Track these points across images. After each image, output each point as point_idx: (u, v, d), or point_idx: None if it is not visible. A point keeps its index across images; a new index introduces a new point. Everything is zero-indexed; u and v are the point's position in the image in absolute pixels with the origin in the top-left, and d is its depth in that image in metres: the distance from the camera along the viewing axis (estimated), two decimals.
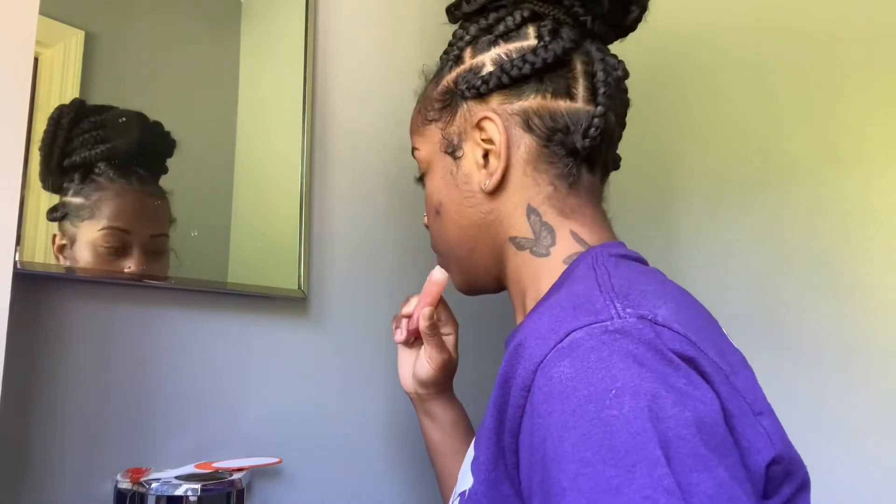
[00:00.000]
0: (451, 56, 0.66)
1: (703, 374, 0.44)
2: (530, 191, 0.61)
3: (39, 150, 0.66)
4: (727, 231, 1.14)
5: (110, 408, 0.73)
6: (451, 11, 0.70)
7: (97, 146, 0.69)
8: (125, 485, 0.69)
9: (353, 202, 1.02)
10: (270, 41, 0.94)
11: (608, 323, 0.44)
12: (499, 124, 0.60)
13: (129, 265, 0.72)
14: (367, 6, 1.09)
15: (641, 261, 0.61)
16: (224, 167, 0.85)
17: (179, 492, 0.69)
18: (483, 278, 0.68)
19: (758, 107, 1.13)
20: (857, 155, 1.03)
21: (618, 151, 0.68)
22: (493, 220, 0.63)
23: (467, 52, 0.65)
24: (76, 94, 0.72)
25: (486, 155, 0.62)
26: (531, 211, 0.61)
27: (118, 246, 0.70)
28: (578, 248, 0.59)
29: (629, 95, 0.66)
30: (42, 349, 0.68)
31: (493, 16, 0.64)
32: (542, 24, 0.62)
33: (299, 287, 0.90)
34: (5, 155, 0.58)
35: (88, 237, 0.70)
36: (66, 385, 0.70)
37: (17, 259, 0.65)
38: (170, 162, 0.80)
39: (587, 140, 0.59)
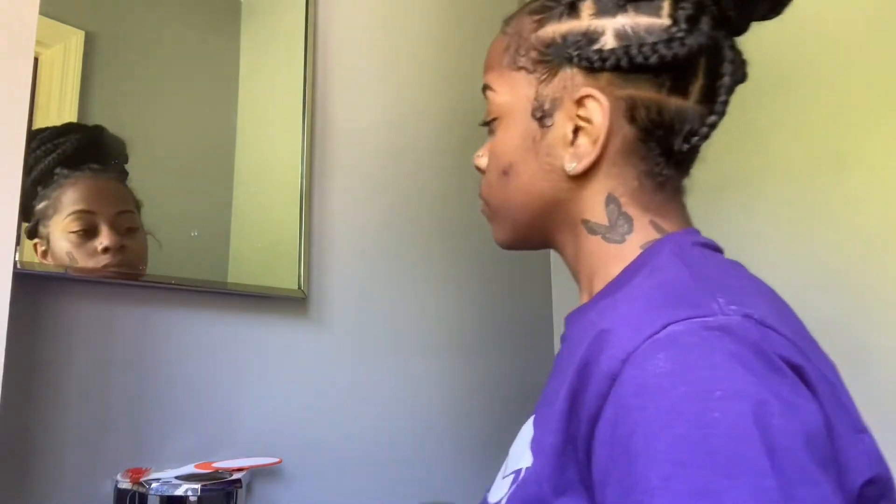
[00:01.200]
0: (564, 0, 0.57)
1: (808, 384, 0.42)
2: (614, 181, 0.56)
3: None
4: (727, 230, 1.14)
5: (110, 408, 0.72)
6: None
7: (48, 156, 0.71)
8: (125, 485, 0.69)
9: (353, 202, 1.02)
10: (270, 41, 0.94)
11: (710, 319, 0.42)
12: (605, 109, 0.54)
13: (102, 241, 0.72)
14: (367, 6, 1.09)
15: (720, 251, 0.58)
16: (224, 167, 0.85)
17: (179, 492, 0.69)
18: (532, 242, 0.64)
19: (757, 106, 1.13)
20: (858, 155, 1.03)
21: None
22: (567, 199, 0.58)
23: (586, 4, 0.56)
24: (76, 94, 0.72)
25: (575, 130, 0.56)
26: (611, 200, 0.56)
27: (86, 227, 0.71)
28: (656, 235, 0.56)
29: None
30: (42, 349, 0.68)
31: None
32: (682, 4, 0.54)
33: (299, 287, 0.90)
34: (5, 155, 0.58)
35: (58, 229, 0.70)
36: (66, 385, 0.70)
37: (17, 259, 0.65)
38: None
39: (687, 145, 0.55)
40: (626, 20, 0.54)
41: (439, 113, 1.19)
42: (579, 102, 0.55)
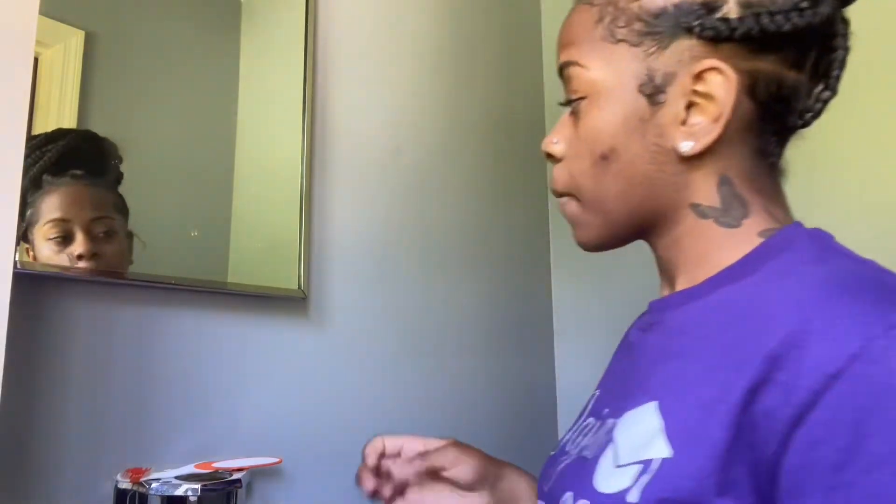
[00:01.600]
0: None
1: None
2: (729, 161, 0.53)
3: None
4: None
5: (110, 408, 0.73)
6: None
7: (36, 164, 0.72)
8: (125, 485, 0.69)
9: (353, 202, 1.02)
10: (270, 41, 0.94)
11: None
12: (732, 82, 0.49)
13: (76, 249, 0.73)
14: (367, 6, 1.09)
15: None
16: (224, 167, 0.85)
17: (179, 492, 0.69)
18: (624, 236, 0.58)
19: None
20: (859, 155, 1.03)
21: None
22: (674, 182, 0.53)
23: None
24: (76, 94, 0.72)
25: (688, 106, 0.51)
26: (725, 181, 0.53)
27: (63, 235, 0.72)
28: (775, 224, 0.53)
29: None
30: (42, 349, 0.68)
31: None
32: None
33: (299, 287, 0.90)
34: (5, 155, 0.58)
35: (39, 236, 0.71)
36: (66, 385, 0.70)
37: (17, 259, 0.65)
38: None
39: (801, 121, 0.53)
40: None
41: (439, 113, 1.19)
42: (698, 76, 0.50)
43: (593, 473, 0.50)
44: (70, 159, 0.75)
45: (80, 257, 0.74)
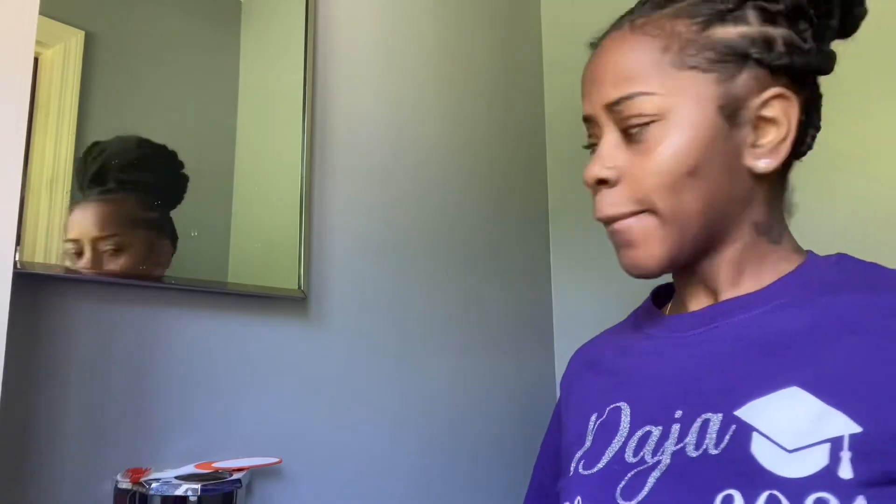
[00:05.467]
0: (727, 5, 0.59)
1: None
2: (778, 182, 0.62)
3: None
4: None
5: (110, 408, 0.73)
6: None
7: (77, 176, 0.74)
8: (125, 485, 0.69)
9: (353, 202, 1.02)
10: (270, 41, 0.94)
11: None
12: (796, 107, 0.58)
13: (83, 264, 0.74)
14: (368, 6, 1.09)
15: None
16: (224, 167, 0.85)
17: (179, 492, 0.69)
18: (689, 256, 0.61)
19: None
20: (858, 154, 1.03)
21: None
22: (746, 199, 0.59)
23: (750, 13, 0.59)
24: (76, 95, 0.72)
25: (755, 128, 0.59)
26: (775, 199, 0.62)
27: (76, 252, 0.73)
28: (795, 244, 0.63)
29: None
30: (42, 349, 0.68)
31: None
32: (802, 22, 0.60)
33: (299, 287, 0.90)
34: (5, 155, 0.58)
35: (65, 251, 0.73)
36: (66, 385, 0.70)
37: (17, 259, 0.65)
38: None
39: (809, 149, 0.62)
40: (784, 31, 0.59)
41: (440, 112, 1.19)
42: (766, 102, 0.58)
43: (753, 463, 0.51)
44: (84, 173, 0.75)
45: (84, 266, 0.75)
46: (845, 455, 0.48)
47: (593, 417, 0.65)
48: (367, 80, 1.07)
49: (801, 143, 0.62)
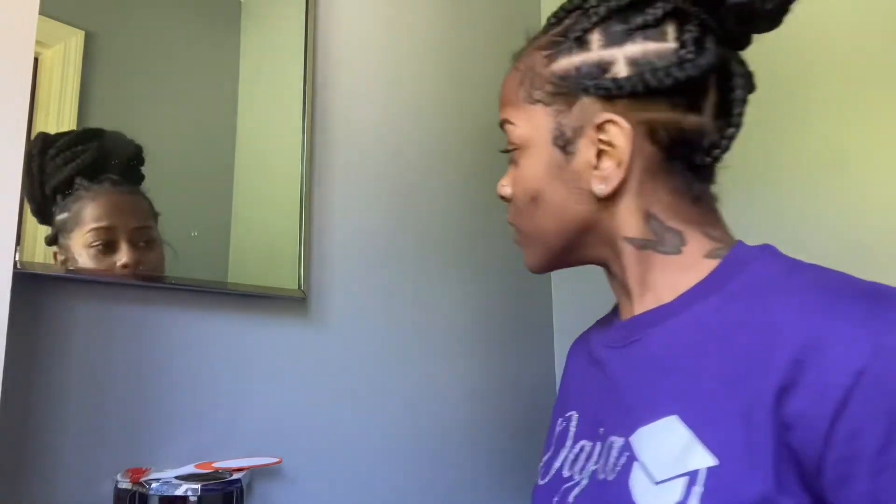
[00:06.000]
0: (574, 34, 0.59)
1: None
2: (648, 199, 0.59)
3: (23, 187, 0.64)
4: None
5: (110, 408, 0.73)
6: None
7: (68, 165, 0.72)
8: (125, 485, 0.69)
9: (353, 202, 1.02)
10: (270, 41, 0.94)
11: None
12: (626, 132, 0.57)
13: (121, 258, 0.73)
14: (368, 6, 1.09)
15: None
16: (224, 167, 0.85)
17: (179, 492, 0.69)
18: (566, 262, 0.66)
19: (759, 106, 1.13)
20: (859, 155, 1.03)
21: None
22: (603, 218, 0.61)
23: (594, 37, 0.58)
24: (76, 95, 0.72)
25: (598, 155, 0.58)
26: (651, 217, 0.59)
27: (105, 241, 0.72)
28: (717, 245, 0.58)
29: None
30: (42, 349, 0.68)
31: None
32: (687, 27, 0.57)
33: (299, 287, 0.90)
34: (5, 155, 0.58)
35: (79, 243, 0.72)
36: (66, 385, 0.70)
37: (17, 259, 0.65)
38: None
39: (709, 158, 0.59)
40: (636, 48, 0.57)
41: (440, 113, 1.19)
42: (600, 128, 0.58)
43: (628, 494, 0.52)
44: (105, 163, 0.75)
45: (124, 266, 0.74)
46: (696, 490, 0.48)
47: (559, 421, 0.69)
48: (367, 80, 1.07)
49: (695, 151, 0.58)
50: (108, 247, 0.73)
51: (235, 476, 0.74)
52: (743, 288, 0.54)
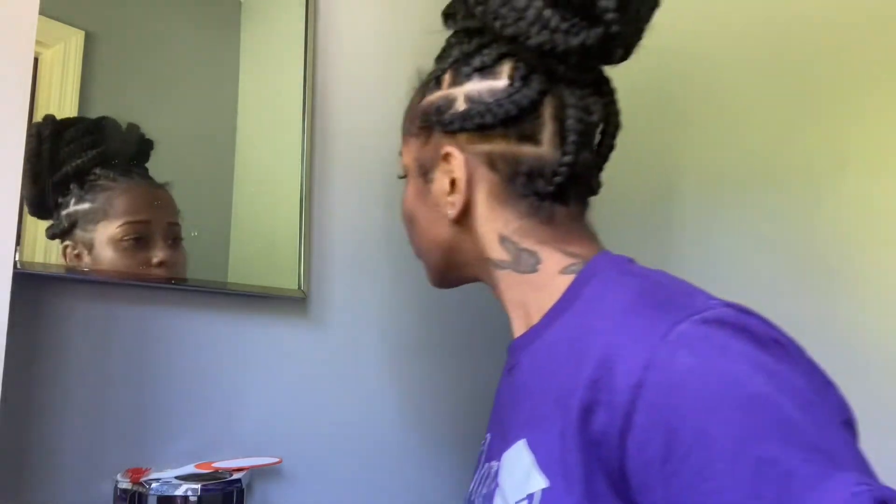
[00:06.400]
0: (435, 74, 0.66)
1: (789, 353, 0.48)
2: (497, 223, 0.63)
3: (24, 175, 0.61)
4: (727, 231, 1.14)
5: (110, 408, 0.73)
6: (445, 20, 0.69)
7: (86, 152, 0.69)
8: (125, 485, 0.69)
9: (353, 202, 1.02)
10: (270, 41, 0.94)
11: (705, 313, 0.47)
12: (461, 163, 0.62)
13: (157, 255, 0.72)
14: (368, 6, 1.09)
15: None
16: (224, 167, 0.85)
17: (179, 492, 0.69)
18: (459, 279, 0.73)
19: (759, 107, 1.13)
20: (859, 155, 1.03)
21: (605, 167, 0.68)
22: (465, 240, 0.66)
23: (447, 77, 0.65)
24: (76, 95, 0.72)
25: (452, 182, 0.64)
26: (504, 239, 0.63)
27: (140, 237, 0.70)
28: (573, 261, 0.60)
29: (621, 118, 0.67)
30: (42, 349, 0.68)
31: (475, 41, 0.63)
32: (517, 65, 0.60)
33: (299, 287, 0.90)
34: (5, 155, 0.58)
35: (107, 236, 0.70)
36: (66, 385, 0.70)
37: (17, 259, 0.65)
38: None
39: (551, 186, 0.61)
40: (474, 86, 0.62)
41: None
42: (445, 159, 0.64)
43: None
44: (128, 155, 0.72)
45: (161, 264, 0.71)
46: None
47: (482, 442, 0.72)
48: (367, 80, 1.07)
49: (536, 178, 0.60)
50: (140, 242, 0.70)
51: (235, 476, 0.74)
52: (584, 304, 0.56)
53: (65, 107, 0.72)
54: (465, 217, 0.64)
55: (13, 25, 0.60)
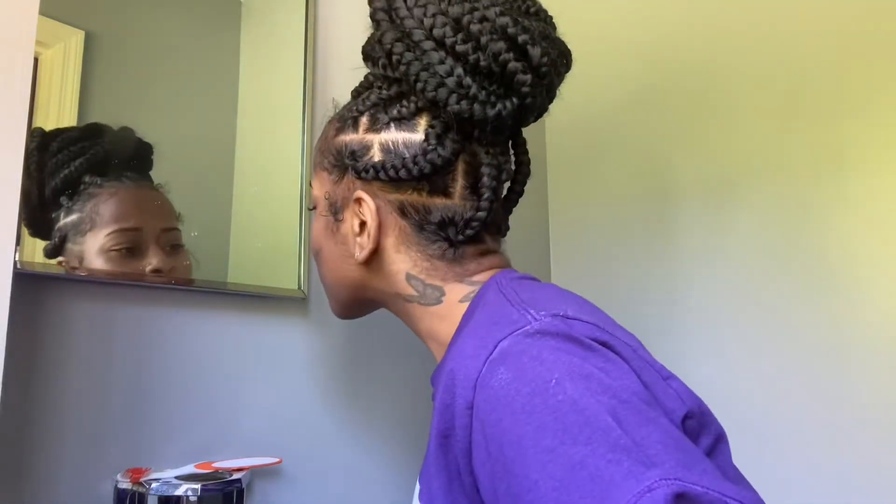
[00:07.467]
0: (352, 114, 0.66)
1: (617, 353, 0.50)
2: (406, 264, 0.64)
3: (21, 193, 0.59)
4: (727, 232, 1.14)
5: (110, 408, 0.73)
6: (364, 59, 0.69)
7: (73, 161, 0.68)
8: (125, 485, 0.69)
9: None
10: (270, 41, 0.94)
11: (527, 327, 0.49)
12: (373, 210, 0.63)
13: (151, 262, 0.71)
14: (368, 6, 1.09)
15: (535, 279, 0.66)
16: (224, 167, 0.85)
17: (179, 492, 0.69)
18: (363, 310, 0.75)
19: (758, 108, 1.13)
20: (859, 156, 1.03)
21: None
22: (372, 278, 0.66)
23: (364, 120, 0.65)
24: (76, 95, 0.72)
25: (362, 224, 0.64)
26: (411, 277, 0.64)
27: (131, 245, 0.69)
28: (471, 289, 0.62)
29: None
30: (42, 349, 0.68)
31: (395, 89, 0.63)
32: (433, 123, 0.61)
33: (299, 287, 0.90)
34: (5, 155, 0.58)
35: (97, 246, 0.69)
36: (66, 385, 0.70)
37: (17, 259, 0.65)
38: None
39: (462, 236, 0.62)
40: (390, 136, 0.62)
41: None
42: (357, 202, 0.64)
43: None
44: (118, 160, 0.72)
45: (156, 272, 0.71)
46: None
47: None
48: None
49: (447, 227, 0.62)
50: (133, 250, 0.69)
51: (235, 476, 0.74)
52: (465, 330, 0.57)
53: (65, 107, 0.72)
54: (373, 258, 0.65)
55: (13, 25, 0.60)
